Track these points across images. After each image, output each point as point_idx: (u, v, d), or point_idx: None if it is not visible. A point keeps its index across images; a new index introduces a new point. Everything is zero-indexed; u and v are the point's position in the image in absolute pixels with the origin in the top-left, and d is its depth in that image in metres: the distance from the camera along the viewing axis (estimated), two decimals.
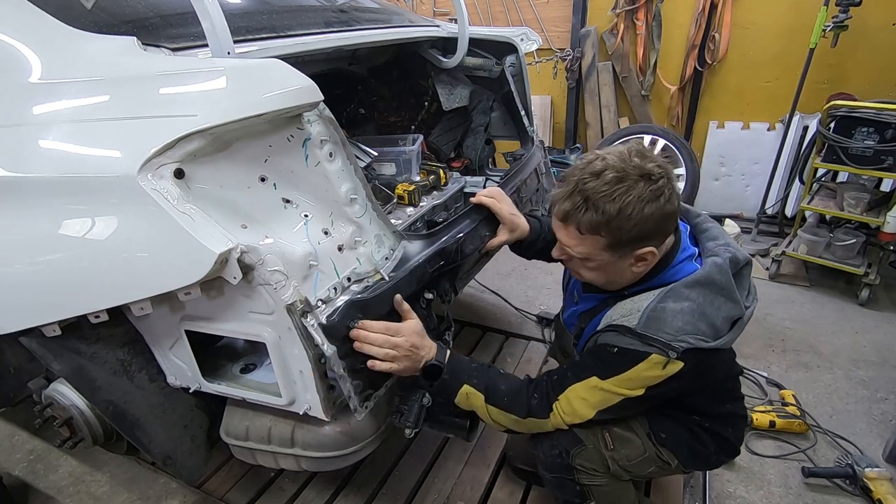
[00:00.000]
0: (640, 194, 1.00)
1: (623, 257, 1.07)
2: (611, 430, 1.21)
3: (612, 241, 1.04)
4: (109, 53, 0.99)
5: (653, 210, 1.00)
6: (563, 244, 1.12)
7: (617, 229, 1.02)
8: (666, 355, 1.01)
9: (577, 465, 1.19)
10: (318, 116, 0.98)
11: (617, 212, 1.00)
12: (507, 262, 3.31)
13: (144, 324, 1.15)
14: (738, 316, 1.09)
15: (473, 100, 2.08)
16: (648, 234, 1.04)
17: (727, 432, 1.25)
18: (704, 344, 1.02)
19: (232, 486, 1.70)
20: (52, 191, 0.91)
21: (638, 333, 1.04)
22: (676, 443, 1.23)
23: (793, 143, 3.35)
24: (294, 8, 1.47)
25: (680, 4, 3.58)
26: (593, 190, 1.01)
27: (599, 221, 1.02)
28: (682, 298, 1.06)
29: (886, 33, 3.09)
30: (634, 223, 1.00)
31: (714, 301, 1.06)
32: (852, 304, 2.79)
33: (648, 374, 1.04)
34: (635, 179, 1.00)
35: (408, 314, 1.17)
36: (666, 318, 1.04)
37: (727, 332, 1.07)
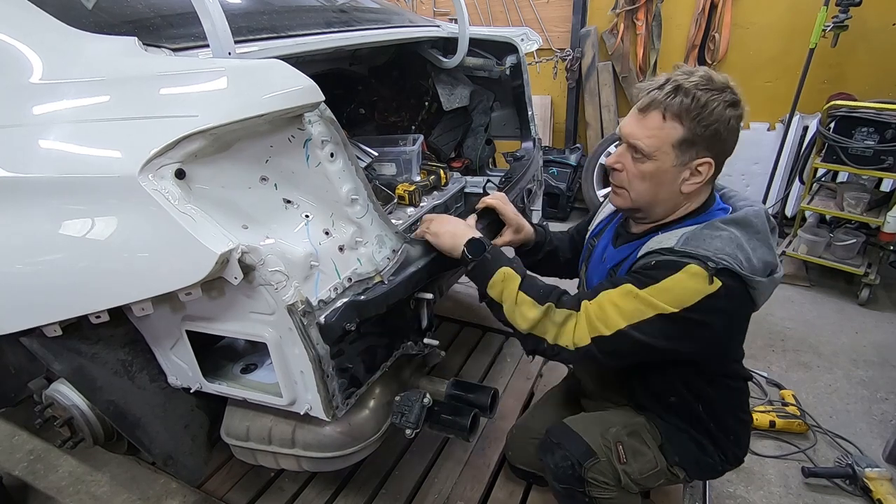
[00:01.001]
0: (725, 98, 1.05)
1: (684, 163, 1.08)
2: (624, 441, 1.20)
3: (688, 135, 1.05)
4: (110, 54, 0.99)
5: (731, 116, 1.05)
6: (633, 137, 1.10)
7: (698, 120, 1.04)
8: (706, 266, 1.00)
9: (590, 478, 1.17)
10: (319, 117, 0.98)
11: (705, 102, 1.03)
12: None
13: (145, 324, 1.15)
14: (773, 265, 1.08)
15: (474, 100, 2.08)
16: (717, 140, 1.06)
17: (730, 441, 1.25)
18: (741, 270, 1.01)
19: (232, 486, 1.70)
20: (53, 191, 0.91)
21: (677, 250, 1.04)
22: (686, 459, 1.23)
23: (793, 143, 3.35)
24: (294, 8, 1.47)
25: (680, 4, 3.58)
26: (686, 80, 1.05)
27: (688, 106, 1.03)
28: (720, 229, 1.06)
29: (886, 33, 3.09)
30: (715, 119, 1.04)
31: (750, 240, 1.06)
32: (852, 304, 2.79)
33: (686, 285, 1.01)
34: (721, 86, 1.05)
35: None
36: (705, 239, 1.04)
37: (763, 275, 1.05)
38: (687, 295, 1.01)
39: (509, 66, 2.02)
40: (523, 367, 2.22)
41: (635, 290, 1.04)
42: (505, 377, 2.17)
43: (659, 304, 1.02)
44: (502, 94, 2.17)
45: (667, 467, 1.21)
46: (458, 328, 2.51)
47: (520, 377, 2.16)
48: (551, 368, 2.19)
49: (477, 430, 1.31)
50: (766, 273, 1.07)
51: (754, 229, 1.08)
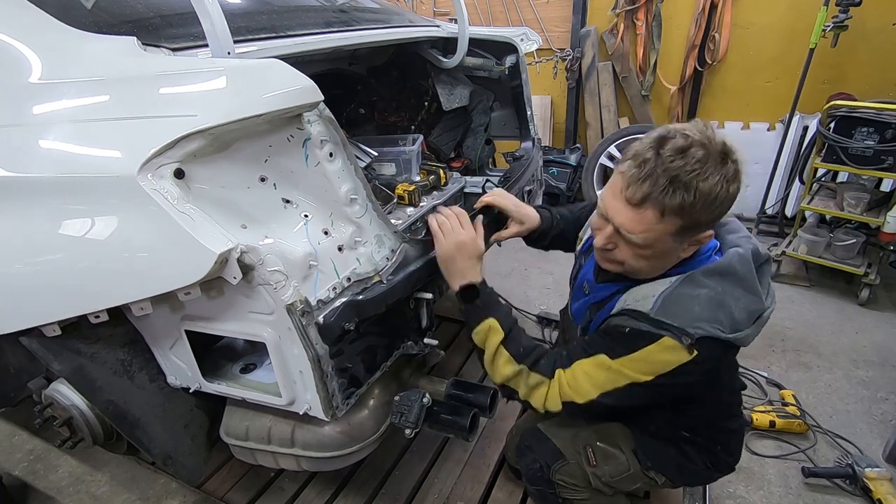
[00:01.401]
0: (726, 174, 0.92)
1: (683, 241, 1.01)
2: (594, 445, 1.19)
3: (689, 224, 0.96)
4: (109, 53, 0.99)
5: (734, 190, 0.95)
6: (627, 230, 0.99)
7: (702, 211, 0.93)
8: (679, 340, 0.96)
9: (558, 479, 1.18)
10: (318, 116, 0.98)
11: (708, 191, 0.91)
12: (507, 263, 3.31)
13: (144, 324, 1.15)
14: (759, 310, 1.03)
15: (473, 100, 2.08)
16: (720, 216, 0.99)
17: (717, 449, 1.21)
18: (721, 334, 0.97)
19: (232, 486, 1.70)
20: (52, 191, 0.91)
21: (651, 318, 0.99)
22: (662, 463, 1.21)
23: (793, 143, 3.35)
24: (294, 8, 1.47)
25: (680, 4, 3.58)
26: (682, 169, 0.91)
27: (690, 202, 0.92)
28: (700, 286, 1.00)
29: (886, 33, 3.09)
30: (720, 203, 0.94)
31: (734, 291, 1.00)
32: (852, 304, 2.79)
33: (660, 357, 0.99)
34: (719, 157, 0.92)
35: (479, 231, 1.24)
36: (682, 303, 0.99)
37: (747, 326, 1.00)
38: (661, 366, 1.00)
39: (508, 66, 2.02)
40: None
41: (608, 362, 1.04)
42: None
43: (632, 374, 1.02)
44: (502, 94, 2.17)
45: (641, 471, 1.19)
46: (458, 328, 2.50)
47: None
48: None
49: (477, 430, 1.31)
50: (752, 320, 1.02)
51: (738, 277, 1.01)
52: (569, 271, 1.42)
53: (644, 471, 1.20)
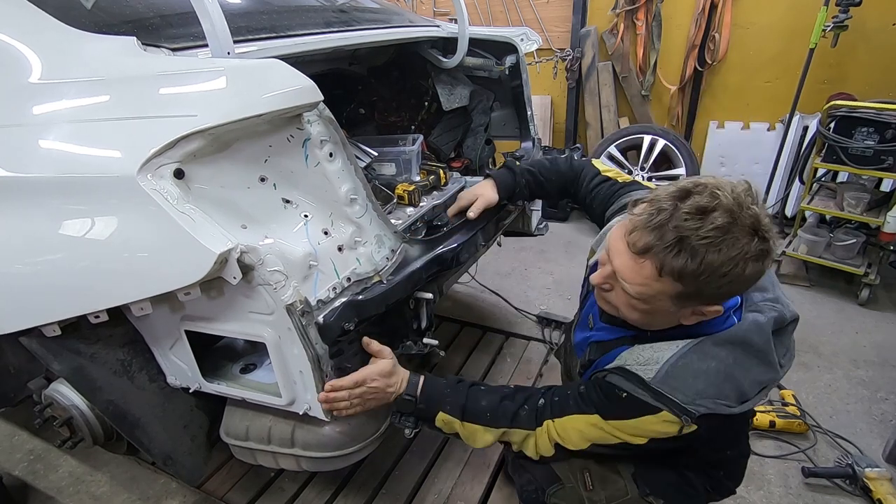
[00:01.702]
0: (747, 251, 0.81)
1: (683, 308, 0.91)
2: (592, 468, 1.14)
3: (690, 292, 0.86)
4: (109, 53, 0.99)
5: (753, 271, 0.83)
6: (622, 277, 0.92)
7: (705, 283, 0.84)
8: (679, 418, 0.92)
9: (552, 503, 1.14)
10: (317, 116, 0.98)
11: (718, 265, 0.81)
12: (508, 263, 3.31)
13: (144, 324, 1.15)
14: (770, 380, 0.97)
15: (473, 100, 2.08)
16: (731, 295, 0.91)
17: (720, 475, 1.18)
18: (725, 410, 0.92)
19: (232, 486, 1.70)
20: (52, 191, 0.91)
21: (652, 388, 0.94)
22: (662, 490, 1.15)
23: (793, 143, 3.35)
24: (294, 8, 1.47)
25: (680, 4, 3.57)
26: (695, 232, 0.81)
27: (693, 270, 0.82)
28: (709, 357, 0.93)
29: (886, 33, 3.09)
30: (729, 281, 0.83)
31: (745, 363, 0.94)
32: (852, 304, 2.79)
33: (655, 427, 0.96)
34: (746, 231, 0.81)
35: (378, 354, 1.15)
36: (686, 378, 0.93)
37: (754, 395, 0.95)
38: (657, 434, 0.97)
39: (508, 66, 2.02)
40: (523, 367, 2.22)
41: (601, 423, 1.01)
42: (505, 377, 2.17)
43: (625, 437, 1.00)
44: (502, 94, 2.17)
45: (639, 497, 1.13)
46: (458, 328, 2.51)
47: (520, 377, 2.16)
48: (551, 368, 2.19)
49: None
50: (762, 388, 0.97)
51: (753, 349, 0.94)
52: (569, 272, 1.42)
53: (643, 496, 1.13)
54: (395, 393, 1.14)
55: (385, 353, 1.15)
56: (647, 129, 3.68)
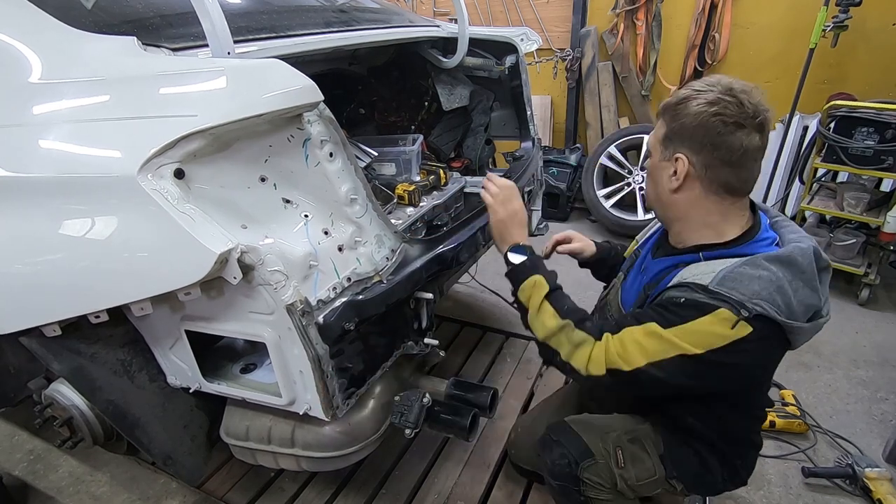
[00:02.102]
0: (711, 98, 1.00)
1: (666, 158, 1.08)
2: (624, 446, 1.18)
3: (667, 131, 1.07)
4: (109, 53, 0.99)
5: (703, 113, 1.00)
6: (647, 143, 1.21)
7: (673, 115, 1.05)
8: (737, 313, 0.95)
9: (585, 478, 1.16)
10: (318, 116, 0.98)
11: (684, 98, 1.03)
12: None
13: (144, 324, 1.15)
14: (815, 307, 1.03)
15: (473, 100, 2.08)
16: (688, 135, 1.03)
17: (738, 463, 1.22)
18: (778, 316, 0.96)
19: (232, 486, 1.70)
20: (53, 191, 0.91)
21: (710, 290, 0.98)
22: (685, 472, 1.20)
23: (793, 143, 3.35)
24: (294, 8, 1.47)
25: (680, 4, 3.57)
26: (689, 85, 1.06)
27: (669, 103, 1.07)
28: (762, 269, 0.99)
29: (886, 33, 3.09)
30: (686, 112, 1.02)
31: (793, 282, 1.00)
32: (852, 304, 2.79)
33: (714, 329, 0.98)
34: (718, 89, 1.01)
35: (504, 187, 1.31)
36: (743, 280, 0.98)
37: (802, 319, 1.01)
38: (714, 339, 0.98)
39: (508, 66, 2.02)
40: (523, 367, 2.22)
41: (659, 331, 1.02)
42: (505, 377, 2.17)
43: (683, 345, 1.00)
44: (502, 94, 2.17)
45: (665, 478, 1.18)
46: (458, 328, 2.51)
47: (520, 377, 2.16)
48: (552, 368, 2.19)
49: (477, 430, 1.31)
50: (808, 317, 1.02)
51: (799, 269, 1.01)
52: (569, 272, 1.43)
53: (668, 478, 1.18)
54: (518, 235, 1.26)
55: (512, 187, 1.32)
56: (647, 129, 3.68)
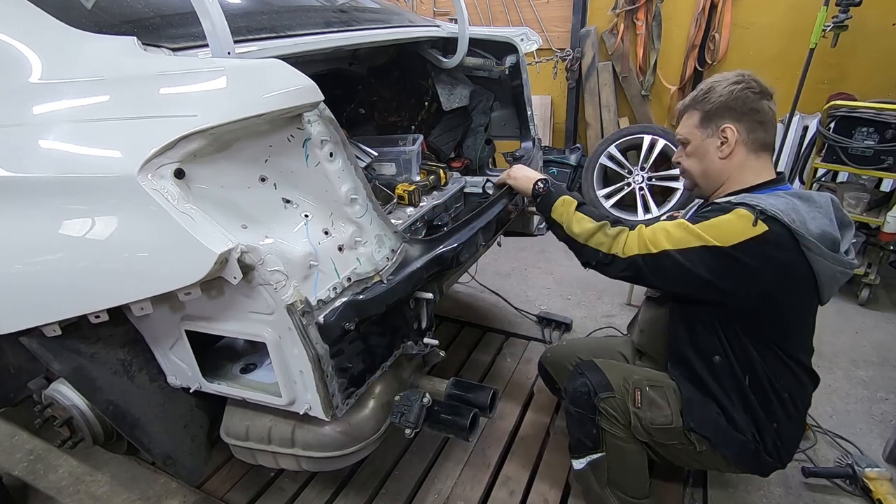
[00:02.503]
0: (728, 78, 1.24)
1: (710, 135, 1.26)
2: (643, 389, 1.28)
3: (703, 116, 1.26)
4: (109, 53, 0.99)
5: (734, 90, 1.21)
6: (678, 134, 1.34)
7: (705, 101, 1.25)
8: (753, 210, 1.10)
9: (602, 408, 1.26)
10: (318, 116, 0.98)
11: (708, 88, 1.26)
12: (508, 263, 3.31)
13: (145, 324, 1.15)
14: (832, 235, 1.13)
15: (473, 100, 2.08)
16: (728, 109, 1.22)
17: (772, 427, 1.23)
18: (792, 223, 1.08)
19: (232, 486, 1.70)
20: (53, 191, 0.91)
21: (733, 202, 1.15)
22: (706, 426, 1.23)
23: (793, 143, 3.35)
24: (294, 8, 1.47)
25: (680, 4, 3.58)
26: (705, 83, 1.29)
27: (696, 97, 1.28)
28: (777, 196, 1.15)
29: (886, 33, 3.09)
30: (719, 95, 1.23)
31: (810, 211, 1.13)
32: (852, 304, 2.79)
33: (734, 224, 1.11)
34: (732, 77, 1.24)
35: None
36: (760, 198, 1.13)
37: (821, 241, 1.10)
38: (733, 233, 1.10)
39: (508, 66, 2.02)
40: (523, 367, 2.22)
41: (686, 225, 1.17)
42: (505, 377, 2.17)
43: (705, 236, 1.13)
44: (502, 94, 2.17)
45: (682, 430, 1.25)
46: (458, 328, 2.51)
47: (520, 377, 2.16)
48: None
49: (477, 429, 1.31)
50: (826, 244, 1.11)
51: (815, 203, 1.15)
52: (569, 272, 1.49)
53: (686, 431, 1.25)
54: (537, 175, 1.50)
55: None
56: (647, 129, 3.68)
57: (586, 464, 1.30)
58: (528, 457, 1.76)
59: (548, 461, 1.74)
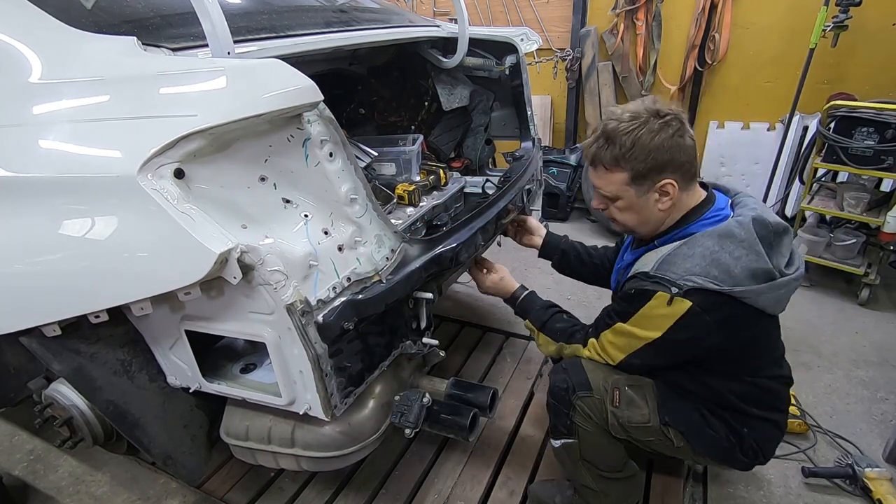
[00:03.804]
0: (651, 127, 1.11)
1: (647, 191, 1.17)
2: (622, 390, 1.28)
3: (634, 175, 1.15)
4: (109, 53, 0.99)
5: (663, 140, 1.11)
6: (596, 187, 1.25)
7: (634, 159, 1.13)
8: (669, 291, 1.08)
9: (577, 405, 1.29)
10: (318, 116, 0.98)
11: (632, 144, 1.12)
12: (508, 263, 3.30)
13: (144, 324, 1.15)
14: (762, 269, 1.10)
15: (473, 100, 2.08)
16: (663, 164, 1.13)
17: (745, 431, 1.26)
18: (714, 286, 1.06)
19: (232, 486, 1.70)
20: (53, 191, 0.91)
21: (650, 276, 1.14)
22: (681, 421, 1.26)
23: (793, 143, 3.35)
24: (294, 8, 1.47)
25: (680, 4, 3.57)
26: (612, 129, 1.14)
27: (618, 154, 1.14)
28: (697, 246, 1.12)
29: (886, 33, 3.09)
30: (648, 151, 1.11)
31: (733, 251, 1.09)
32: (852, 304, 2.79)
33: (659, 311, 1.11)
34: (647, 117, 1.12)
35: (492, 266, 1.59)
36: (676, 262, 1.12)
37: (751, 284, 1.08)
38: (662, 320, 1.12)
39: (508, 66, 2.02)
40: (523, 367, 2.22)
41: (623, 327, 1.20)
42: (505, 377, 2.17)
43: (641, 333, 1.17)
44: (502, 94, 2.17)
45: (659, 426, 1.27)
46: (458, 328, 2.51)
47: (520, 377, 2.16)
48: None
49: (477, 429, 1.31)
50: (761, 280, 1.09)
51: (737, 239, 1.11)
52: None
53: (662, 425, 1.27)
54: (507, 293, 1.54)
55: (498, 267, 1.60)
56: None
57: (560, 444, 1.36)
58: (528, 457, 1.76)
59: (548, 461, 1.74)
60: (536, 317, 1.46)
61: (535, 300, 1.51)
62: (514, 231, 1.79)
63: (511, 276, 1.58)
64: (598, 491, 1.37)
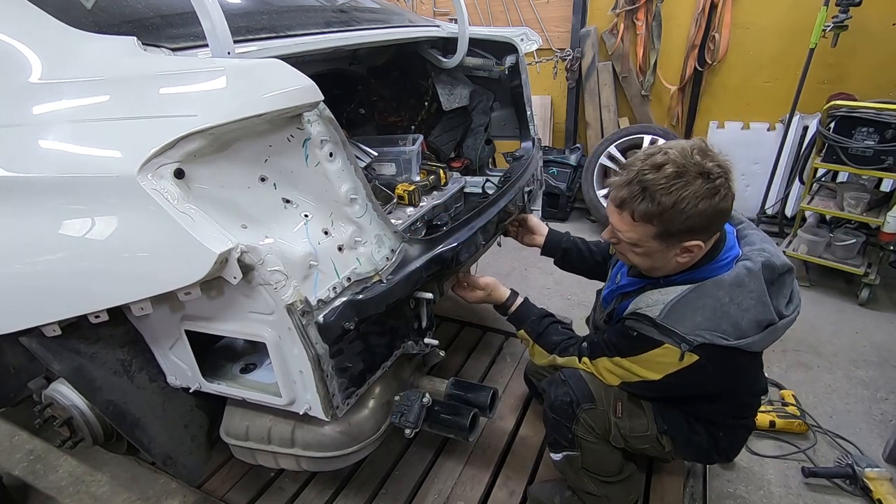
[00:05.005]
0: (697, 191, 1.02)
1: (670, 247, 1.10)
2: (623, 401, 1.29)
3: (663, 231, 1.07)
4: (109, 53, 0.99)
5: (706, 207, 1.03)
6: (616, 228, 1.16)
7: (669, 221, 1.05)
8: (679, 347, 1.07)
9: (582, 418, 1.28)
10: (318, 116, 0.98)
11: (672, 205, 1.02)
12: (508, 262, 3.31)
13: (144, 324, 1.15)
14: (767, 319, 1.10)
15: (473, 100, 2.08)
16: (698, 229, 1.07)
17: (720, 435, 1.31)
18: (723, 341, 1.06)
19: (232, 486, 1.70)
20: (53, 191, 0.91)
21: (657, 323, 1.11)
22: (675, 430, 1.30)
23: (793, 143, 3.35)
24: (294, 8, 1.47)
25: (680, 4, 3.57)
26: (652, 181, 1.04)
27: (653, 212, 1.05)
28: (707, 296, 1.09)
29: (886, 33, 3.09)
30: (686, 217, 1.03)
31: (742, 302, 1.08)
32: (852, 304, 2.79)
33: (663, 360, 1.11)
34: (694, 176, 1.02)
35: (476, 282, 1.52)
36: (685, 313, 1.09)
37: (754, 334, 1.08)
38: (665, 367, 1.13)
39: (508, 66, 2.02)
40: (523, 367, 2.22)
41: (622, 361, 1.21)
42: (505, 377, 2.17)
43: (642, 372, 1.18)
44: (502, 94, 2.17)
45: (656, 434, 1.29)
46: (458, 328, 2.51)
47: (520, 377, 2.16)
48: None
49: (477, 429, 1.31)
50: (765, 327, 1.10)
51: (746, 289, 1.09)
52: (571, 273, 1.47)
53: (658, 434, 1.29)
54: (498, 302, 1.50)
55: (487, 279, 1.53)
56: (647, 129, 3.68)
57: (562, 457, 1.36)
58: (528, 457, 1.76)
59: (548, 461, 1.74)
60: (532, 328, 1.45)
61: (528, 310, 1.48)
62: (515, 231, 1.78)
63: (499, 284, 1.53)
64: (601, 495, 1.38)
